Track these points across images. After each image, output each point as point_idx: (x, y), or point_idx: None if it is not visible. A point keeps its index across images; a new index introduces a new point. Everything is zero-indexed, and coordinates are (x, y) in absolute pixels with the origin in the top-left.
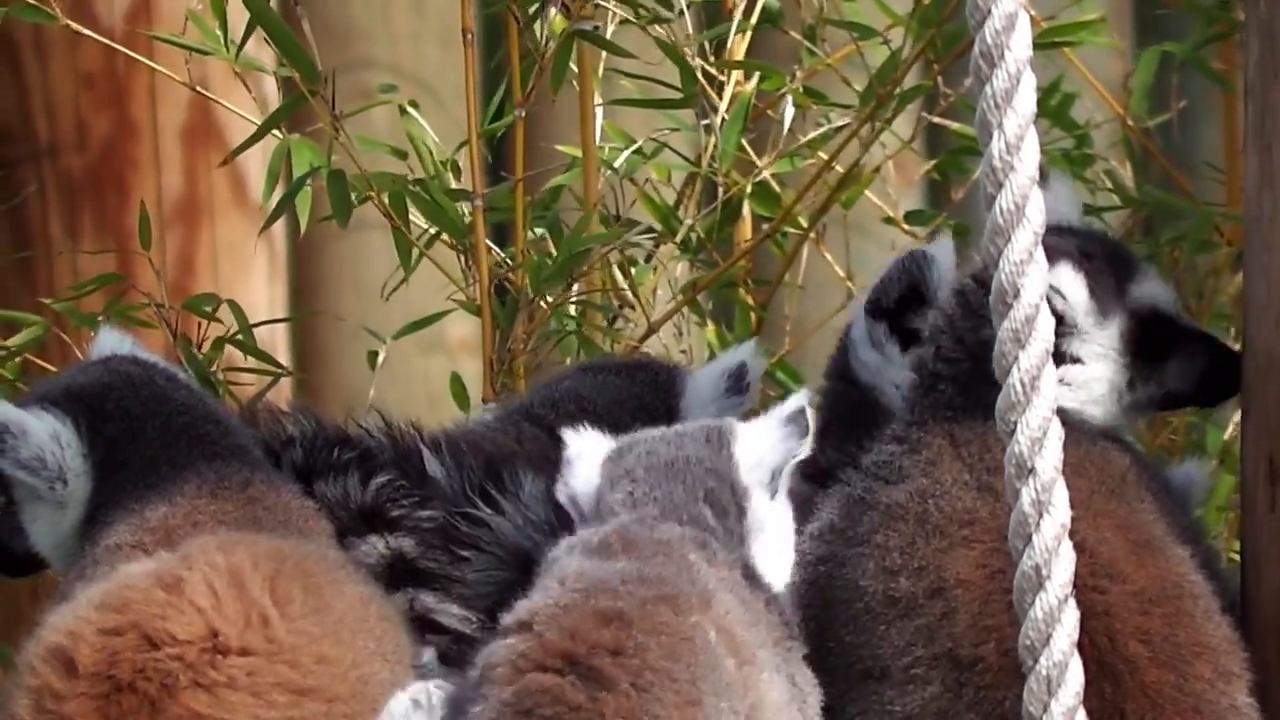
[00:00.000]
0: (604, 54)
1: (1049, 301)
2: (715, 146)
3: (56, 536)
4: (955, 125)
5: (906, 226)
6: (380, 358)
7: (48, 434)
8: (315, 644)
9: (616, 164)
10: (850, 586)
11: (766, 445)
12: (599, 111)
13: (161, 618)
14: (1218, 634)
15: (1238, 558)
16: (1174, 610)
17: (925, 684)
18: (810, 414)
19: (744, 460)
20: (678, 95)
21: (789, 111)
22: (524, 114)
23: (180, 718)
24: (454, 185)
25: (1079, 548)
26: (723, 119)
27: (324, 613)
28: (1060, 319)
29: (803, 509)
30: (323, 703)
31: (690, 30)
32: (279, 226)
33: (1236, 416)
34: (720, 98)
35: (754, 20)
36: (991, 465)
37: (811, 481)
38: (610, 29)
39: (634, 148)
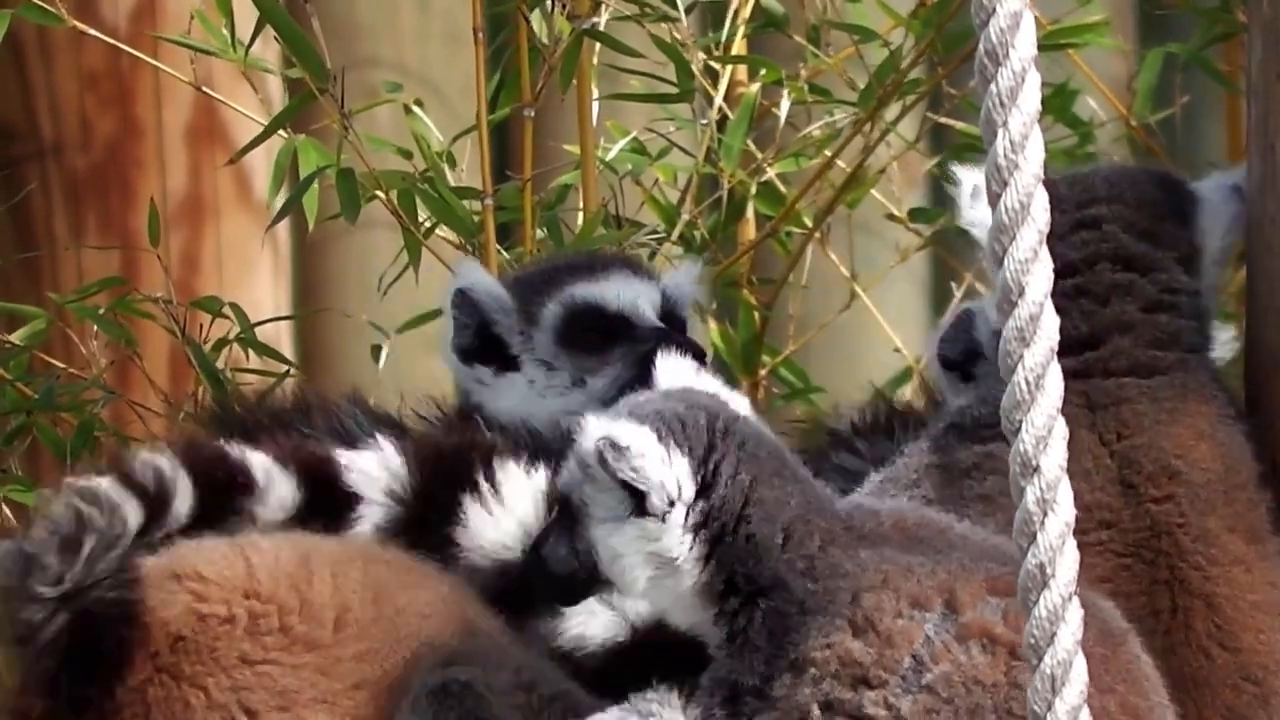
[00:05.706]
0: (598, 49)
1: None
2: (713, 139)
3: None
4: (960, 125)
5: (910, 224)
6: (384, 352)
7: None
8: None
9: (609, 158)
10: None
11: None
12: (596, 106)
13: None
14: None
15: None
16: (1265, 692)
17: None
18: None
19: None
20: (674, 90)
21: (785, 105)
22: (532, 113)
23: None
24: (451, 177)
25: (1209, 601)
26: (720, 111)
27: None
28: None
29: None
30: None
31: (685, 24)
32: (283, 225)
33: None
34: (715, 90)
35: (747, 13)
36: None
37: None
38: (604, 22)
39: (627, 141)
